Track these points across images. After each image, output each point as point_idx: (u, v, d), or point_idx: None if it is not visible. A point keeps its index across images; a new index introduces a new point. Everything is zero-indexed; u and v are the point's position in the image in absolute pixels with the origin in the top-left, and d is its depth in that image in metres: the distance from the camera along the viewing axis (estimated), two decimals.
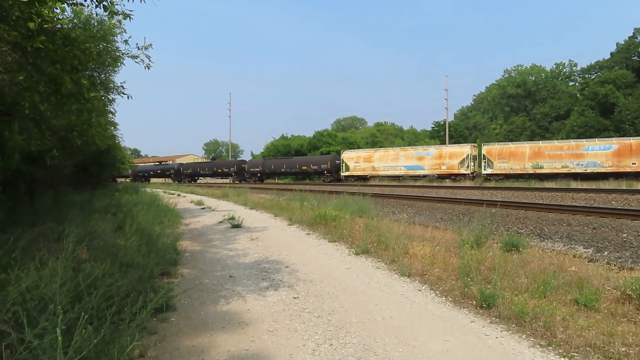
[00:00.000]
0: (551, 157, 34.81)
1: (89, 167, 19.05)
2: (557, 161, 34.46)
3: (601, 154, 32.85)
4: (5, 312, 2.79)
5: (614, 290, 4.89)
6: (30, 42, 5.29)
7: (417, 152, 42.33)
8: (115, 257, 5.27)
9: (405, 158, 42.62)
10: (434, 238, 8.14)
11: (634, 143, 31.78)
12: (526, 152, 36.07)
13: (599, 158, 32.79)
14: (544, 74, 71.02)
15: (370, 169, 44.35)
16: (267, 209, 15.83)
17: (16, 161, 6.53)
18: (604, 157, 32.63)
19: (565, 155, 34.27)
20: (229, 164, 60.47)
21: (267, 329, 4.11)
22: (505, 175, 36.64)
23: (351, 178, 45.17)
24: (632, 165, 31.25)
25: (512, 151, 36.92)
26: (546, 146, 36.01)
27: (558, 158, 34.50)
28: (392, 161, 43.35)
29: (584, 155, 33.47)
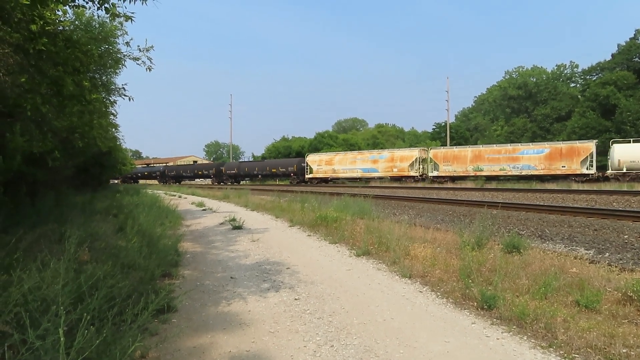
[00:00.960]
0: (490, 161, 37.45)
1: (90, 168, 19.07)
2: (495, 164, 37.07)
3: (535, 157, 35.36)
4: (7, 313, 2.80)
5: (615, 291, 4.88)
6: (32, 44, 5.32)
7: (372, 156, 45.20)
8: (117, 259, 5.28)
9: (361, 161, 45.33)
10: (435, 239, 8.13)
11: (564, 147, 34.39)
12: (468, 155, 38.68)
13: (533, 161, 35.24)
14: (545, 76, 71.04)
15: (331, 172, 47.05)
16: (268, 211, 15.84)
17: (18, 162, 6.56)
18: (537, 161, 35.09)
19: (503, 159, 36.93)
20: (208, 166, 64.15)
21: (268, 330, 4.11)
22: (449, 177, 39.01)
23: (314, 180, 47.81)
24: (562, 168, 33.74)
25: (455, 155, 39.47)
26: (486, 150, 38.54)
27: (496, 161, 37.15)
28: (350, 164, 46.13)
29: (520, 159, 36.01)
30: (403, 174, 41.35)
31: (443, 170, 39.51)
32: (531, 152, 35.83)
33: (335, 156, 48.43)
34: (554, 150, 34.68)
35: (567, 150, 34.09)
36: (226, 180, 58.12)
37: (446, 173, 39.33)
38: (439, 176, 39.62)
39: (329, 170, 47.24)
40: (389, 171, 42.55)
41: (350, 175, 45.98)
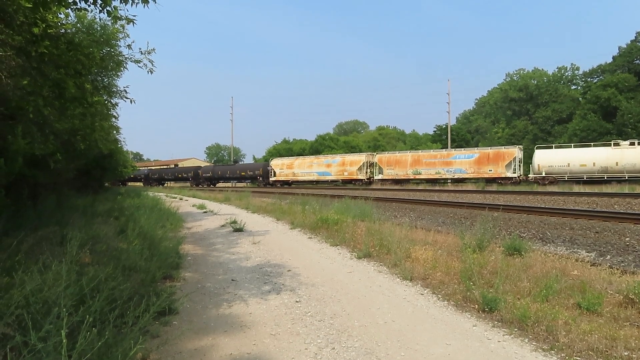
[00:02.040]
0: (427, 165, 40.35)
1: (92, 171, 19.07)
2: (431, 168, 39.97)
3: (465, 162, 38.12)
4: (9, 315, 2.80)
5: (616, 294, 4.88)
6: (35, 46, 5.33)
7: (326, 160, 48.34)
8: (118, 261, 5.28)
9: (317, 165, 48.30)
10: (436, 242, 8.13)
11: (491, 153, 37.33)
12: (408, 160, 41.63)
13: (464, 165, 38.06)
14: (546, 78, 70.99)
15: (292, 175, 49.98)
16: (269, 213, 15.85)
17: (19, 165, 6.56)
18: (467, 165, 37.88)
19: (438, 163, 39.82)
20: (187, 169, 67.77)
21: (269, 333, 4.11)
22: (392, 180, 41.82)
23: (277, 183, 50.72)
24: (489, 172, 36.50)
25: (397, 159, 42.51)
26: (424, 155, 41.92)
27: (432, 165, 40.05)
28: (307, 168, 49.04)
29: (453, 163, 38.86)
30: (352, 177, 44.41)
31: (387, 174, 42.39)
32: (462, 157, 38.70)
33: (295, 160, 51.57)
34: (482, 155, 37.46)
35: (494, 155, 36.94)
36: (202, 182, 61.53)
37: (389, 176, 42.16)
38: (383, 179, 42.43)
39: (290, 173, 50.20)
40: (340, 175, 45.52)
41: (307, 178, 48.78)
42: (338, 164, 46.14)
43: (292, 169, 50.22)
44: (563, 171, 33.98)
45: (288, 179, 50.33)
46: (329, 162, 47.29)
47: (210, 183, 61.01)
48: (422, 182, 40.09)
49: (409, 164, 41.35)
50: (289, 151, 72.96)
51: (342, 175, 45.27)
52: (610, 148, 33.14)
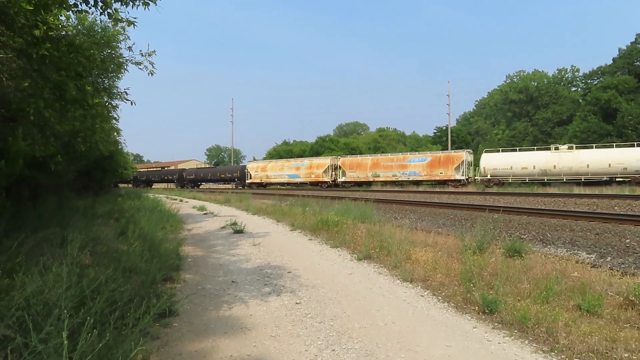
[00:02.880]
0: (385, 168, 42.58)
1: (92, 172, 19.09)
2: (389, 171, 42.29)
3: (419, 165, 40.51)
4: (9, 317, 2.81)
5: (616, 296, 4.88)
6: (36, 48, 5.34)
7: (296, 164, 51.24)
8: (118, 263, 5.29)
9: (288, 168, 51.24)
10: (436, 244, 8.13)
11: (442, 156, 39.84)
12: (368, 163, 44.06)
13: (418, 168, 40.44)
14: (546, 80, 70.96)
15: (265, 177, 53.05)
16: (269, 215, 15.85)
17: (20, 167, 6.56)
18: (420, 168, 40.27)
19: (395, 166, 42.23)
20: (172, 172, 71.32)
21: (269, 334, 4.11)
22: (354, 182, 44.49)
23: (253, 185, 53.55)
24: (440, 174, 38.87)
25: (359, 162, 45.08)
26: (383, 158, 44.33)
27: (390, 168, 42.35)
28: (279, 171, 52.11)
29: (408, 166, 41.29)
30: (319, 179, 47.06)
31: (349, 176, 45.03)
32: (416, 161, 41.21)
33: (268, 164, 55.14)
34: (434, 159, 40.03)
35: (445, 158, 39.27)
36: (186, 184, 64.80)
37: (351, 179, 44.82)
38: (345, 181, 45.25)
39: (264, 176, 53.30)
40: (308, 177, 48.29)
41: (279, 180, 51.74)
42: (306, 167, 49.09)
43: (266, 171, 53.37)
44: (507, 174, 35.84)
45: (262, 181, 53.28)
46: (298, 165, 50.30)
47: (193, 185, 64.36)
48: (380, 184, 42.49)
49: (369, 167, 43.83)
50: (289, 152, 72.99)
51: (310, 178, 48.08)
52: (549, 152, 34.98)
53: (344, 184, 45.12)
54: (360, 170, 44.37)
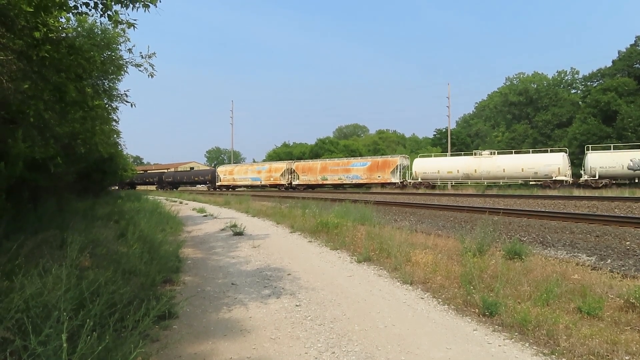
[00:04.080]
0: (332, 172, 46.36)
1: (92, 174, 19.07)
2: (335, 174, 46.05)
3: (361, 169, 43.82)
4: (9, 319, 2.80)
5: (617, 298, 4.88)
6: (36, 50, 5.35)
7: (257, 167, 55.90)
8: (118, 265, 5.27)
9: (251, 172, 55.50)
10: (436, 246, 8.12)
11: (381, 161, 43.43)
12: (318, 167, 47.91)
13: (359, 172, 43.82)
14: (545, 82, 70.97)
15: (232, 180, 57.31)
16: (269, 217, 15.84)
17: (20, 169, 6.56)
18: (362, 172, 43.61)
19: (340, 170, 45.91)
20: (153, 175, 74.93)
21: (269, 337, 4.10)
22: (306, 185, 48.07)
23: (222, 187, 57.24)
24: (378, 177, 42.16)
25: (310, 167, 49.05)
26: (330, 163, 48.12)
27: (336, 172, 46.01)
28: (244, 174, 56.23)
29: (351, 170, 44.80)
30: (277, 182, 51.09)
31: (302, 179, 48.75)
32: (358, 165, 44.68)
33: (235, 168, 59.70)
34: (374, 163, 43.31)
35: (382, 163, 42.77)
36: (166, 186, 68.51)
37: (304, 182, 48.46)
38: (299, 184, 48.85)
39: (231, 179, 57.58)
40: (268, 180, 52.41)
41: (243, 182, 55.78)
42: (266, 171, 53.28)
43: (233, 175, 57.75)
44: (435, 177, 40.02)
45: (230, 184, 57.44)
46: (260, 169, 54.82)
47: (172, 187, 68.29)
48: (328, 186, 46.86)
49: (319, 171, 47.66)
50: (289, 154, 72.99)
51: (269, 180, 52.20)
52: (472, 157, 39.04)
53: (297, 186, 48.86)
54: (311, 174, 48.28)
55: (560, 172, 34.02)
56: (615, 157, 33.81)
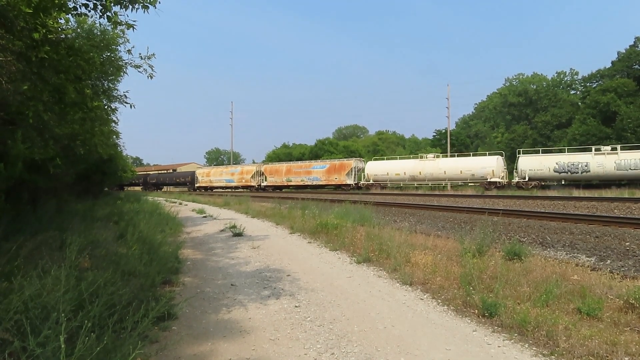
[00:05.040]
0: (295, 174, 49.02)
1: (92, 175, 19.06)
2: (298, 176, 48.61)
3: (320, 171, 47.02)
4: (7, 321, 2.80)
5: (616, 299, 4.87)
6: (35, 52, 5.34)
7: (231, 170, 59.41)
8: (117, 266, 5.27)
9: (225, 174, 58.90)
10: (436, 247, 8.13)
11: (337, 164, 46.58)
12: (283, 170, 51.01)
13: (319, 174, 46.98)
14: (545, 83, 71.08)
15: (209, 182, 60.32)
16: (268, 218, 15.84)
17: (19, 170, 6.56)
18: (321, 174, 46.82)
19: (302, 172, 48.44)
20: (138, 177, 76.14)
21: (268, 338, 4.10)
22: (273, 186, 51.24)
23: (201, 188, 60.30)
24: (335, 179, 45.29)
25: (277, 169, 52.28)
26: (294, 166, 51.18)
27: (299, 174, 48.70)
28: (219, 176, 59.52)
29: (312, 172, 47.63)
30: (248, 183, 54.55)
31: (269, 181, 51.96)
32: (318, 167, 47.73)
33: (211, 170, 63.36)
34: (331, 166, 46.52)
35: (339, 166, 45.85)
36: (150, 187, 70.40)
37: (271, 183, 51.66)
38: (267, 185, 52.06)
39: (208, 180, 60.46)
40: (240, 182, 55.93)
41: (218, 184, 58.69)
42: (238, 173, 56.99)
43: (209, 177, 60.86)
44: (385, 179, 42.51)
45: (207, 185, 60.29)
46: (233, 172, 58.28)
47: (156, 188, 70.98)
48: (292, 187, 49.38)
49: (284, 173, 50.47)
50: (288, 155, 72.99)
51: (241, 182, 55.69)
52: (417, 160, 42.07)
53: (266, 187, 52.06)
54: (277, 176, 51.24)
55: (495, 174, 36.41)
56: (543, 160, 36.17)
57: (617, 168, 32.58)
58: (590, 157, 34.14)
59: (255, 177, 54.27)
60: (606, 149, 33.82)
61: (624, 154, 32.92)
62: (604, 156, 33.41)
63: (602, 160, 33.36)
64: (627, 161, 32.35)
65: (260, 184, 53.30)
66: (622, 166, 32.38)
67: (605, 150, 33.77)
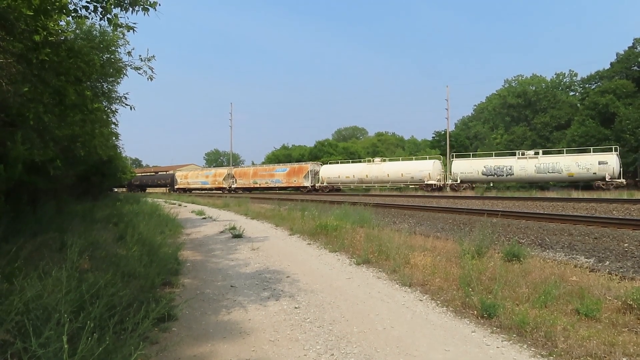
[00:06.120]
0: (261, 176, 53.26)
1: (91, 177, 19.09)
2: (263, 179, 52.90)
3: (281, 174, 50.59)
4: (9, 322, 2.81)
5: (615, 300, 4.89)
6: (35, 54, 5.37)
7: (206, 172, 63.63)
8: (117, 267, 5.29)
9: (201, 176, 63.04)
10: (435, 248, 8.14)
11: (296, 167, 50.15)
12: (250, 173, 55.44)
13: (280, 177, 50.54)
14: (544, 84, 71.13)
15: (187, 184, 64.07)
16: (268, 219, 15.85)
17: (19, 171, 6.57)
18: (282, 176, 50.31)
19: (266, 175, 52.60)
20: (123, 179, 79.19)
21: (268, 339, 4.11)
22: (242, 188, 55.25)
23: (179, 190, 63.39)
24: (294, 182, 48.61)
25: (245, 172, 57.06)
26: (260, 169, 55.71)
27: (264, 177, 52.89)
28: (195, 178, 63.61)
29: (274, 175, 51.49)
30: (220, 185, 58.33)
31: (239, 183, 55.86)
32: (280, 170, 51.36)
33: (189, 173, 67.09)
34: (291, 169, 50.00)
35: (297, 169, 49.42)
36: (134, 189, 72.58)
37: (240, 185, 55.63)
38: (236, 187, 55.95)
39: (185, 182, 64.52)
40: (214, 183, 59.61)
41: (195, 186, 62.44)
42: (212, 176, 60.74)
43: (187, 179, 64.88)
44: (337, 181, 45.93)
45: (185, 187, 63.79)
46: (207, 174, 62.37)
47: (140, 189, 73.09)
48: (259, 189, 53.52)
49: (251, 176, 54.58)
50: (287, 157, 72.99)
51: (215, 184, 59.28)
52: (365, 164, 45.19)
53: (236, 189, 55.71)
54: (245, 178, 55.32)
55: (431, 177, 39.35)
56: (473, 164, 39.11)
57: (537, 171, 35.23)
58: (514, 160, 37.02)
59: (227, 180, 57.99)
60: (529, 154, 36.73)
61: (543, 158, 35.64)
62: (526, 160, 36.16)
63: (524, 163, 36.08)
64: (546, 165, 35.13)
65: (230, 186, 57.02)
66: (542, 169, 35.07)
67: (528, 154, 36.68)
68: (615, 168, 32.76)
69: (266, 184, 52.41)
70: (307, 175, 47.90)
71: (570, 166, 34.03)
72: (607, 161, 33.02)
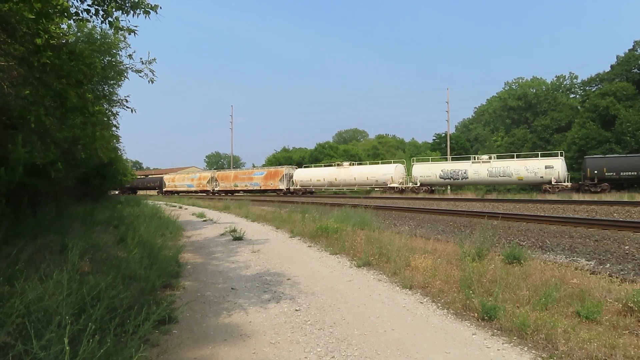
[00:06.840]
0: (241, 180, 55.29)
1: (92, 179, 19.12)
2: (242, 182, 54.83)
3: (259, 177, 52.72)
4: (10, 324, 2.81)
5: (615, 302, 4.88)
6: (37, 57, 5.39)
7: (192, 176, 65.51)
8: (118, 270, 5.29)
9: (187, 180, 64.78)
10: (436, 250, 8.13)
11: (273, 171, 52.25)
12: (232, 176, 57.37)
13: (258, 180, 52.59)
14: (544, 87, 71.20)
15: (174, 186, 66.27)
16: (268, 222, 15.85)
17: (20, 174, 6.58)
18: (260, 180, 52.44)
19: (245, 178, 54.83)
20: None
21: (268, 341, 4.11)
22: (224, 190, 56.95)
23: (167, 192, 65.58)
24: (270, 184, 50.73)
25: (226, 175, 58.64)
26: (239, 173, 58.21)
27: (243, 180, 54.92)
28: (182, 181, 65.53)
29: (253, 179, 53.66)
30: (204, 188, 60.19)
31: (221, 186, 57.74)
32: (258, 174, 53.49)
33: (176, 176, 68.97)
34: (268, 173, 52.16)
35: (274, 172, 51.49)
36: (126, 191, 73.06)
37: (222, 188, 57.44)
38: (219, 190, 57.77)
39: (173, 185, 66.84)
40: (198, 187, 61.48)
41: (182, 189, 64.39)
42: (197, 179, 62.94)
43: (174, 182, 66.88)
44: (309, 184, 47.86)
45: (172, 189, 65.96)
46: (193, 177, 64.41)
47: (131, 192, 74.19)
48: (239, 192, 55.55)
49: (232, 179, 56.52)
50: (288, 159, 73.04)
51: (200, 187, 61.25)
52: (334, 168, 47.61)
53: (218, 191, 57.71)
54: (227, 182, 57.08)
55: (394, 180, 41.53)
56: (431, 167, 41.29)
57: (489, 175, 37.28)
58: (468, 165, 39.04)
59: (210, 183, 60.04)
60: (483, 158, 39.01)
61: (495, 163, 37.68)
62: (479, 164, 38.18)
63: (477, 168, 38.09)
64: (498, 169, 37.09)
65: (214, 189, 59.20)
66: (494, 173, 37.10)
67: (481, 159, 38.92)
68: (561, 172, 34.31)
69: (245, 187, 54.50)
70: (283, 178, 49.92)
71: (519, 170, 35.93)
72: (553, 165, 34.65)
